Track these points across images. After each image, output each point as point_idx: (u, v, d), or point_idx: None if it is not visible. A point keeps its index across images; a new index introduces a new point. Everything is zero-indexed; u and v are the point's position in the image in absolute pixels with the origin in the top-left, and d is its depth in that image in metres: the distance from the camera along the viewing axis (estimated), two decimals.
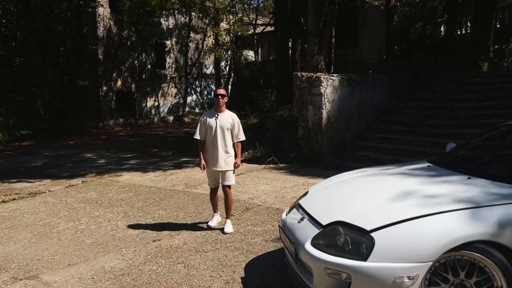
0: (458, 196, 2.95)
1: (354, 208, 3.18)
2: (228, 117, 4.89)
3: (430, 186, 3.26)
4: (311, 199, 3.69)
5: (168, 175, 8.54)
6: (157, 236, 4.95)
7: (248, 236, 4.82)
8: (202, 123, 4.87)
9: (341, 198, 3.53)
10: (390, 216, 2.85)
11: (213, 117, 4.84)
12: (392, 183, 3.57)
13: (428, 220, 2.71)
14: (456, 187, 3.14)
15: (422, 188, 3.24)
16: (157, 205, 6.31)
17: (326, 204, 3.46)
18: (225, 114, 4.89)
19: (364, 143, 8.73)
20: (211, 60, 25.73)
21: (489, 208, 2.74)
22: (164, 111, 23.58)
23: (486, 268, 2.66)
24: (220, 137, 4.82)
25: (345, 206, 3.29)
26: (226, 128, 4.85)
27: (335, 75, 8.73)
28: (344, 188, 3.76)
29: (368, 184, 3.70)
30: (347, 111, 8.88)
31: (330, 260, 2.80)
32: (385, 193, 3.30)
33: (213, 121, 4.83)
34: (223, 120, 4.84)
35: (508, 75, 10.24)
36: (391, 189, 3.39)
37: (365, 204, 3.17)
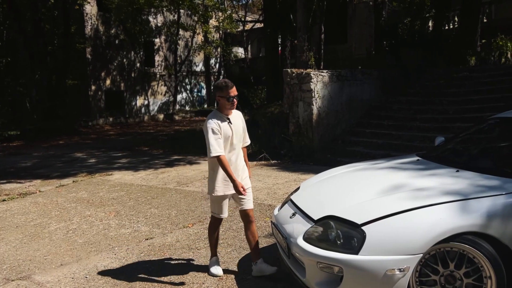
0: (447, 188, 3.00)
1: (345, 202, 3.21)
2: (238, 118, 3.73)
3: (420, 180, 3.30)
4: (302, 194, 3.72)
5: (159, 173, 8.52)
6: (149, 235, 4.95)
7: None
8: (218, 131, 3.49)
9: (332, 193, 3.56)
10: (381, 209, 2.89)
11: (225, 121, 3.58)
12: (382, 177, 3.61)
13: (418, 213, 2.75)
14: (445, 180, 3.19)
15: (411, 181, 3.28)
16: (149, 203, 6.30)
17: (318, 199, 3.49)
18: (234, 115, 3.70)
19: (354, 138, 8.78)
20: (201, 58, 25.65)
21: (477, 200, 2.79)
22: (154, 110, 23.48)
23: (475, 259, 2.70)
24: (238, 147, 3.71)
25: (336, 200, 3.33)
26: (240, 134, 3.73)
27: (325, 71, 8.77)
28: (335, 183, 3.79)
29: (359, 179, 3.74)
30: (338, 107, 8.92)
31: (322, 254, 2.83)
32: (375, 187, 3.34)
33: (227, 128, 3.56)
34: (236, 124, 3.67)
35: (496, 69, 10.36)
36: (381, 183, 3.43)
37: (356, 199, 3.20)
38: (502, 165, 3.43)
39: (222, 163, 3.45)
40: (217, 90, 3.57)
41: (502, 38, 12.61)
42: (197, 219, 5.42)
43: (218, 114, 3.59)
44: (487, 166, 3.46)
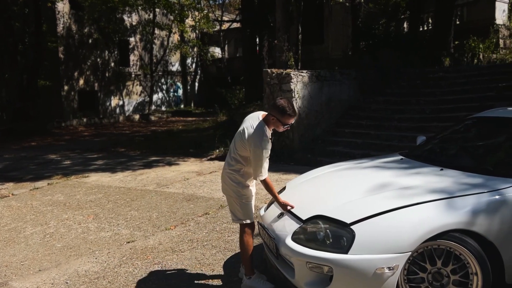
0: (432, 187, 3.03)
1: (333, 202, 3.21)
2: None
3: (406, 178, 3.34)
4: (289, 194, 3.70)
5: (138, 175, 8.37)
6: (130, 237, 4.84)
7: (225, 234, 4.79)
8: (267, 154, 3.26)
9: (319, 192, 3.56)
10: (370, 208, 2.90)
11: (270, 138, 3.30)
12: (369, 176, 3.63)
13: (406, 211, 2.78)
14: (430, 179, 3.23)
15: (398, 180, 3.32)
16: (129, 205, 6.17)
17: (305, 199, 3.48)
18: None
19: (334, 138, 8.85)
20: (177, 57, 25.40)
21: (462, 198, 2.83)
22: (129, 110, 23.10)
23: (461, 256, 2.75)
24: None
25: (324, 200, 3.32)
26: None
27: (305, 71, 8.80)
28: (321, 183, 3.80)
29: (345, 178, 3.76)
30: (317, 107, 8.97)
31: (311, 254, 2.82)
32: (362, 186, 3.36)
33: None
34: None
35: (469, 69, 10.64)
36: (368, 182, 3.45)
37: (344, 198, 3.21)
38: (484, 163, 3.50)
39: (268, 185, 3.34)
40: (278, 112, 3.20)
41: (474, 39, 12.99)
42: (179, 221, 5.33)
43: (269, 131, 3.26)
44: (470, 165, 3.53)
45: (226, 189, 3.52)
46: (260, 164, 3.23)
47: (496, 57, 13.17)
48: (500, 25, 14.14)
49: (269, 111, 3.31)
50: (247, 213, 3.41)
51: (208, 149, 10.34)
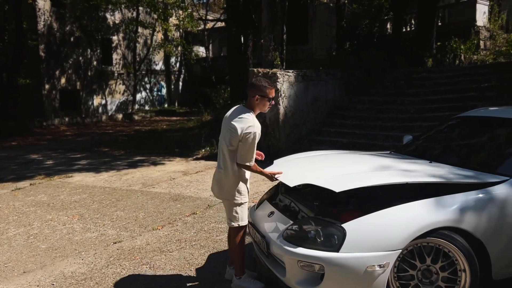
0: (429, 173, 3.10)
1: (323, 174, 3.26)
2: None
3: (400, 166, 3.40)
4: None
5: (122, 174, 8.27)
6: (117, 238, 4.78)
7: (213, 233, 4.77)
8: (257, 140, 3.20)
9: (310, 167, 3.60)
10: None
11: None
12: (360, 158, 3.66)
13: (396, 209, 2.80)
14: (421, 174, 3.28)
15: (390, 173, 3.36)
16: (114, 206, 6.09)
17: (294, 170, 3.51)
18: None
19: (320, 137, 8.90)
20: (161, 56, 25.18)
21: (451, 196, 2.87)
22: (112, 109, 22.80)
23: (450, 253, 2.79)
24: None
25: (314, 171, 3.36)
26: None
27: (291, 71, 8.83)
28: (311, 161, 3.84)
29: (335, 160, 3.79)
30: (303, 107, 9.01)
31: (302, 253, 2.82)
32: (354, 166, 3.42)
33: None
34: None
35: (452, 70, 10.83)
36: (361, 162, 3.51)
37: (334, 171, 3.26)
38: (470, 161, 3.56)
39: (255, 169, 3.29)
40: (259, 88, 3.23)
41: (456, 41, 13.22)
42: (167, 221, 5.29)
43: (255, 117, 3.22)
44: (457, 163, 3.58)
45: (221, 193, 3.39)
46: (252, 150, 3.16)
47: (477, 58, 13.43)
48: (480, 27, 14.43)
49: (249, 95, 3.27)
50: (242, 216, 3.35)
51: (194, 149, 10.29)
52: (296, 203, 3.39)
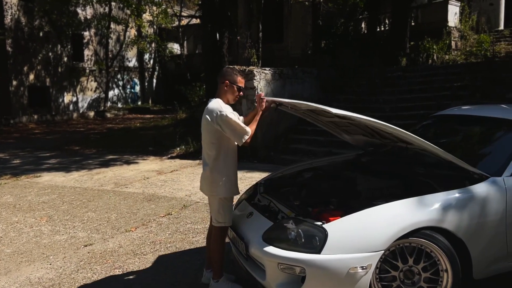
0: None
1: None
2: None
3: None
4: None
5: (94, 174, 8.01)
6: (88, 241, 4.58)
7: (189, 235, 4.63)
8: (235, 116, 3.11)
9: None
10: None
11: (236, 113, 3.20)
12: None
13: (378, 209, 2.74)
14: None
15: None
16: (85, 207, 5.86)
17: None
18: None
19: (297, 136, 8.85)
20: (134, 53, 24.68)
21: (432, 195, 2.83)
22: (83, 107, 22.20)
23: (432, 253, 2.75)
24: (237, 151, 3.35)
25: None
26: None
27: (268, 69, 8.74)
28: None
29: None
30: None
31: (283, 255, 2.73)
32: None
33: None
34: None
35: (425, 69, 10.98)
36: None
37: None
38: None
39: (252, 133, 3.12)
40: (228, 74, 3.19)
41: (429, 41, 13.40)
42: (140, 222, 5.11)
43: (222, 103, 3.13)
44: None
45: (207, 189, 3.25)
46: (237, 124, 3.03)
47: (449, 58, 13.65)
48: (452, 27, 14.67)
49: (219, 82, 3.22)
50: (227, 216, 3.23)
51: (169, 147, 10.08)
52: (276, 203, 3.30)
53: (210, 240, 3.38)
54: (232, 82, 3.19)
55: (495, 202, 2.89)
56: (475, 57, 13.25)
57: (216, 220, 3.23)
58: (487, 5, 17.23)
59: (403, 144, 3.42)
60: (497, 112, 3.88)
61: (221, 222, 3.21)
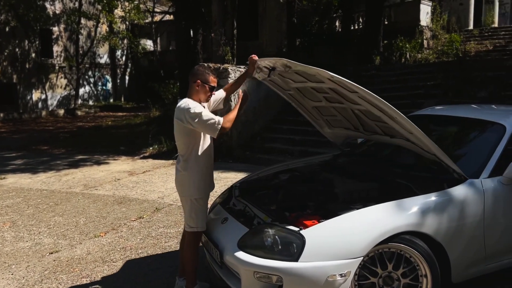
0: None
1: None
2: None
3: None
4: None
5: (62, 175, 7.70)
6: (54, 248, 4.35)
7: (161, 239, 4.46)
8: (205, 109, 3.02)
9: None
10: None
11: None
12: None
13: (357, 214, 2.66)
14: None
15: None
16: (52, 211, 5.60)
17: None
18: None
19: (272, 135, 8.76)
20: (106, 49, 24.07)
21: (411, 199, 2.77)
22: (53, 104, 21.50)
23: (411, 258, 2.69)
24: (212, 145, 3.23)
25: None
26: None
27: (243, 67, 8.59)
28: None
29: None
30: (255, 103, 8.82)
31: (259, 263, 2.62)
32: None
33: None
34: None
35: (399, 68, 11.07)
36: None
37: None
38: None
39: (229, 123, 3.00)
40: (200, 73, 3.06)
41: (402, 39, 13.54)
42: (110, 227, 4.90)
43: (191, 102, 2.98)
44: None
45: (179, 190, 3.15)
46: (206, 119, 2.88)
47: (421, 56, 13.83)
48: (424, 27, 14.86)
49: (191, 81, 3.09)
50: (201, 220, 3.10)
51: (141, 147, 9.82)
52: (251, 208, 3.18)
53: (183, 246, 3.24)
54: (204, 81, 3.07)
55: (473, 205, 2.85)
56: (447, 56, 13.47)
57: (188, 225, 3.10)
58: (458, 5, 17.56)
59: (386, 137, 3.35)
60: (472, 112, 3.87)
61: (193, 227, 3.08)
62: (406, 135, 2.98)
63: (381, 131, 3.36)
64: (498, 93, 7.82)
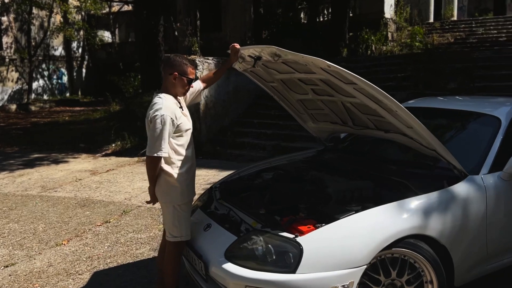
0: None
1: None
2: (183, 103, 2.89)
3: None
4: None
5: (17, 176, 7.08)
6: (9, 260, 3.88)
7: (132, 246, 4.07)
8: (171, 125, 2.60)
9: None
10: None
11: (179, 109, 2.73)
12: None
13: (358, 217, 2.42)
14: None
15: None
16: (6, 217, 5.07)
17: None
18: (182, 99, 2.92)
19: (243, 129, 8.46)
20: (60, 41, 22.86)
21: (413, 199, 2.56)
22: (4, 99, 20.21)
23: (416, 263, 2.49)
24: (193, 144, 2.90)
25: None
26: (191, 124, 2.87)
27: (211, 58, 8.23)
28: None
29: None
30: (224, 96, 8.49)
31: (251, 276, 2.33)
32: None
33: (184, 118, 2.75)
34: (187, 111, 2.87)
35: (368, 60, 11.01)
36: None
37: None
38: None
39: (156, 164, 2.64)
40: (177, 64, 2.71)
41: (367, 32, 13.54)
42: (74, 233, 4.46)
43: (169, 99, 2.67)
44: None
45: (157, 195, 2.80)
46: (161, 137, 2.55)
47: (386, 49, 13.90)
48: (388, 19, 14.94)
49: (166, 73, 2.73)
50: (186, 228, 2.78)
51: (102, 143, 9.26)
52: (237, 212, 2.87)
53: (163, 257, 2.90)
54: (182, 73, 2.72)
55: (476, 203, 2.68)
56: (410, 48, 13.60)
57: (171, 235, 2.76)
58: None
59: (380, 132, 3.12)
60: (463, 104, 3.72)
61: (177, 237, 2.75)
62: (403, 129, 2.76)
63: (373, 126, 3.14)
64: (467, 84, 7.86)
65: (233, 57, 3.06)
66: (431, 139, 2.60)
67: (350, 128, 3.42)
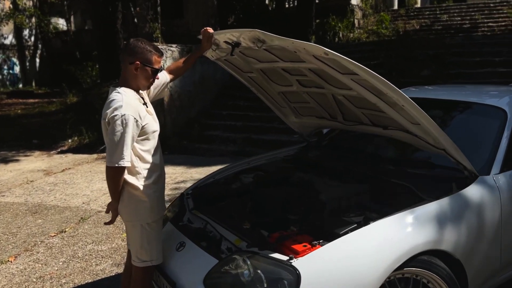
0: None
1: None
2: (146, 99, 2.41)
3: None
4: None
5: None
6: None
7: (91, 261, 3.55)
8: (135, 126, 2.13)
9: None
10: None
11: (142, 106, 2.25)
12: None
13: (362, 233, 2.02)
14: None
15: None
16: None
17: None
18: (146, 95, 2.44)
19: (211, 121, 7.96)
20: (10, 28, 21.38)
21: (422, 207, 2.19)
22: None
23: (429, 283, 2.12)
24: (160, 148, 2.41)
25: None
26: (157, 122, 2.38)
27: (174, 46, 7.68)
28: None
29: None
30: (190, 87, 7.95)
31: None
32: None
33: (149, 117, 2.27)
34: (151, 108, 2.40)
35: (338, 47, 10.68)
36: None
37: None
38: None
39: (119, 176, 2.15)
40: (137, 51, 2.20)
41: (334, 18, 13.29)
42: (22, 247, 3.88)
43: (129, 94, 2.17)
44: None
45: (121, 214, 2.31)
46: (122, 143, 2.07)
47: (353, 36, 13.72)
48: (355, 6, 14.76)
49: (125, 61, 2.22)
50: (157, 251, 2.30)
51: (58, 139, 8.53)
52: (215, 226, 2.42)
53: (128, 282, 2.41)
54: (145, 62, 2.21)
55: (490, 207, 2.36)
56: (377, 35, 13.47)
57: (139, 259, 2.28)
58: None
59: (377, 128, 2.74)
60: (461, 94, 3.39)
61: (147, 261, 2.28)
62: (407, 126, 2.38)
63: (368, 121, 2.75)
64: (440, 71, 7.69)
65: (206, 43, 2.57)
66: (441, 137, 2.24)
67: (340, 123, 3.02)
